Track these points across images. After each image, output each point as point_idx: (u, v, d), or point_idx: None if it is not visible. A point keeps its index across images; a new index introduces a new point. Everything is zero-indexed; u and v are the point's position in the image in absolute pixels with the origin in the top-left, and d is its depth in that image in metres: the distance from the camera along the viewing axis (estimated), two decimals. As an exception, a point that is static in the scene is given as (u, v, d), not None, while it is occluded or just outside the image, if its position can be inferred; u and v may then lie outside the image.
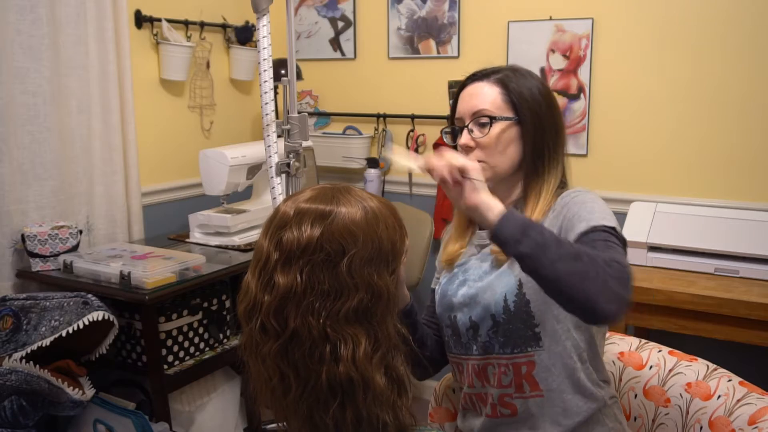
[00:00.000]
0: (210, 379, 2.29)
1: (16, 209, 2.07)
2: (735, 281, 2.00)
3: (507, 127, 1.25)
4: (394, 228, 0.92)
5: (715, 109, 2.29)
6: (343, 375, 0.84)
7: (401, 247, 0.94)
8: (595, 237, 1.11)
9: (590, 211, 1.16)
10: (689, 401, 1.39)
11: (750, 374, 1.46)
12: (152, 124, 2.61)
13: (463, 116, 1.29)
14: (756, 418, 1.25)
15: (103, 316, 1.81)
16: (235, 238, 2.41)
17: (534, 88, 1.27)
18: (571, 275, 0.98)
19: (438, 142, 2.78)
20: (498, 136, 1.24)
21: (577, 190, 1.24)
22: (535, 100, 1.26)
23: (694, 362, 1.44)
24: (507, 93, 1.26)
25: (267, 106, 1.56)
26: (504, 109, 1.25)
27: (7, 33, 2.01)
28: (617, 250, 1.09)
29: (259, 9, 1.53)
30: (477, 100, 1.27)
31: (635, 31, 2.38)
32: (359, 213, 0.89)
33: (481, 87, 1.28)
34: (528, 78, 1.28)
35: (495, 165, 1.25)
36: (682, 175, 2.37)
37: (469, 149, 1.26)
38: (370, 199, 0.93)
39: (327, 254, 0.86)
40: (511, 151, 1.26)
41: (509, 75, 1.28)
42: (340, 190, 0.93)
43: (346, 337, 0.85)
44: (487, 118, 1.25)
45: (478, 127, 1.26)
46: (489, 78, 1.28)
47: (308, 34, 3.06)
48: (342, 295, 0.86)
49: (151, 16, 2.54)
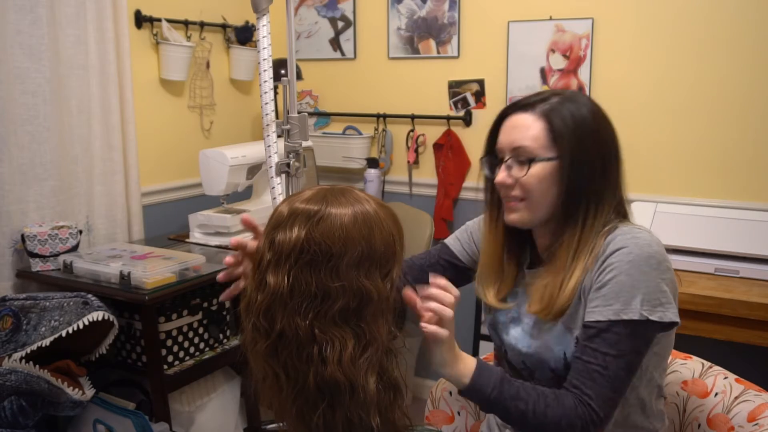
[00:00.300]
0: (210, 379, 2.29)
1: (16, 209, 2.07)
2: (735, 281, 2.00)
3: (549, 167, 1.14)
4: (388, 231, 0.90)
5: (716, 109, 2.29)
6: (329, 377, 0.84)
7: (397, 250, 0.92)
8: (606, 336, 1.08)
9: (627, 290, 1.08)
10: (686, 399, 1.40)
11: (750, 374, 1.46)
12: (152, 124, 2.61)
13: (503, 149, 1.19)
14: (755, 414, 1.26)
15: (103, 316, 1.81)
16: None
17: (581, 122, 1.14)
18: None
19: (438, 142, 2.78)
20: (538, 177, 1.15)
21: (629, 240, 1.11)
22: (582, 136, 1.14)
23: (689, 360, 1.44)
24: (551, 128, 1.14)
25: (267, 106, 1.56)
26: (547, 147, 1.14)
27: (7, 33, 2.01)
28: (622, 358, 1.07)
29: (259, 9, 1.53)
30: (519, 135, 1.16)
31: (635, 31, 2.38)
32: (348, 215, 0.88)
33: (524, 119, 1.17)
34: (579, 109, 1.16)
35: (534, 206, 1.17)
36: (682, 175, 2.37)
37: (508, 187, 1.18)
38: (366, 201, 0.91)
39: (313, 255, 0.86)
40: (552, 194, 1.16)
41: (556, 107, 1.15)
42: (337, 192, 0.92)
43: (333, 339, 0.85)
44: (527, 157, 1.15)
45: (517, 164, 1.16)
46: (534, 109, 1.17)
47: (308, 34, 3.06)
48: (329, 297, 0.86)
49: (151, 16, 2.54)
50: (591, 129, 1.15)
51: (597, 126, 1.16)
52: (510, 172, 1.17)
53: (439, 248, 1.41)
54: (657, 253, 1.10)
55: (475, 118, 2.74)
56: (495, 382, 1.07)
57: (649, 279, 1.08)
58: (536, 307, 1.18)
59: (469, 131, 2.76)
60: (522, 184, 1.16)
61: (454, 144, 2.75)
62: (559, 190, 1.15)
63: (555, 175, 1.15)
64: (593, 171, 1.15)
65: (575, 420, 1.06)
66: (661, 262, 1.10)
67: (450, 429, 1.52)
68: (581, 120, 1.15)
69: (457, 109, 2.77)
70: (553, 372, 1.19)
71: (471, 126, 2.75)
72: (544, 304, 1.17)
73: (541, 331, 1.20)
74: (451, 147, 2.75)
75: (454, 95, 2.77)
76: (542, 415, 1.06)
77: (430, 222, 2.66)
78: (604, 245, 1.13)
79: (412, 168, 2.90)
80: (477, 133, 2.74)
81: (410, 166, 2.89)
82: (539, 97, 1.18)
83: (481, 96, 2.71)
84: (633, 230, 1.14)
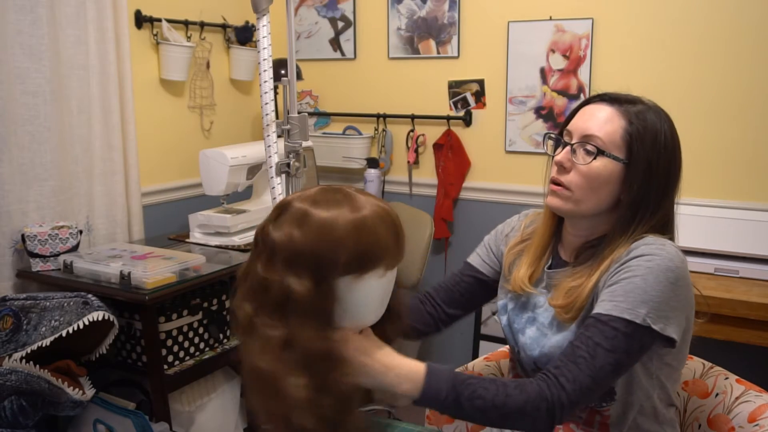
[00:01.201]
0: (210, 379, 2.29)
1: (16, 209, 2.07)
2: (735, 281, 2.01)
3: (612, 166, 1.13)
4: (339, 242, 0.91)
5: (715, 109, 2.29)
6: (256, 367, 0.90)
7: (342, 262, 0.91)
8: (603, 328, 1.06)
9: (638, 293, 1.07)
10: (687, 399, 1.40)
11: (750, 374, 1.46)
12: (152, 124, 2.61)
13: (574, 132, 1.17)
14: (756, 415, 1.26)
15: (103, 316, 1.81)
16: (235, 238, 2.41)
17: (661, 136, 1.13)
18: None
19: (438, 143, 2.78)
20: (598, 171, 1.13)
21: (654, 250, 1.09)
22: (657, 149, 1.13)
23: (690, 360, 1.44)
24: (630, 131, 1.12)
25: (267, 106, 1.56)
26: (618, 146, 1.13)
27: (7, 33, 2.01)
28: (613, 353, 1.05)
29: (259, 9, 1.53)
30: (594, 123, 1.15)
31: (635, 31, 2.38)
32: (299, 213, 0.92)
33: (605, 111, 1.15)
34: (660, 122, 1.15)
35: (580, 199, 1.15)
36: (683, 175, 2.37)
37: (563, 169, 1.16)
38: (351, 208, 0.92)
39: (263, 247, 0.93)
40: (604, 193, 1.14)
41: (641, 111, 1.14)
42: (326, 191, 0.96)
43: (264, 330, 0.90)
44: (595, 147, 1.13)
45: (583, 151, 1.14)
46: (620, 106, 1.16)
47: (308, 34, 3.06)
48: (267, 290, 0.91)
49: (151, 16, 2.54)
50: (668, 145, 1.14)
51: (674, 144, 1.16)
52: (573, 156, 1.15)
53: (462, 267, 1.43)
54: (678, 269, 1.09)
55: (475, 118, 2.74)
56: (447, 388, 1.02)
57: (663, 290, 1.07)
58: (559, 302, 1.17)
59: (469, 131, 2.76)
60: (579, 172, 1.14)
61: (454, 144, 2.75)
62: (611, 191, 1.14)
63: (615, 176, 1.13)
64: (659, 184, 1.14)
65: (540, 403, 1.03)
66: (679, 278, 1.09)
67: (450, 429, 1.52)
68: (662, 134, 1.14)
69: (457, 109, 2.77)
70: None
71: (471, 126, 2.75)
72: (568, 301, 1.16)
73: (556, 331, 1.19)
74: (451, 147, 2.75)
75: (454, 95, 2.77)
76: (502, 406, 1.02)
77: (430, 222, 2.66)
78: (628, 250, 1.12)
79: (412, 168, 2.90)
80: (477, 133, 2.74)
81: (410, 166, 2.89)
82: (627, 98, 1.17)
83: (481, 96, 2.71)
84: (660, 240, 1.12)
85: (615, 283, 1.09)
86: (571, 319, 1.16)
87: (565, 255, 1.26)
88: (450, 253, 2.86)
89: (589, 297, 1.14)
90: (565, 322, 1.17)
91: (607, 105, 1.16)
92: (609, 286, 1.10)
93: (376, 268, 0.95)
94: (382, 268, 0.96)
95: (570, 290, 1.17)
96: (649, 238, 1.13)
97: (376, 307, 1.00)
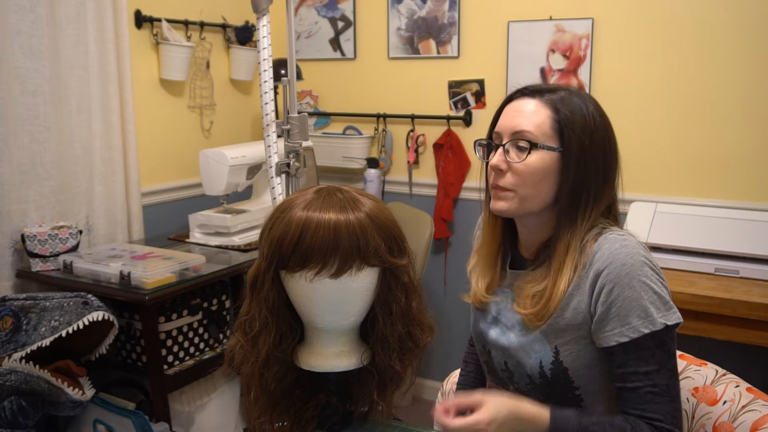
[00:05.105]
0: (210, 379, 2.29)
1: (16, 209, 2.07)
2: (735, 281, 2.00)
3: (548, 157, 1.11)
4: (285, 234, 0.94)
5: (716, 109, 2.29)
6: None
7: (302, 261, 0.93)
8: (639, 355, 1.07)
9: (637, 305, 1.07)
10: (695, 406, 1.38)
11: (750, 374, 1.46)
12: (152, 124, 2.61)
13: (503, 133, 1.14)
14: (759, 424, 1.24)
15: (103, 316, 1.81)
16: (234, 238, 2.41)
17: (590, 117, 1.11)
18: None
19: (438, 142, 2.78)
20: (535, 166, 1.11)
21: (620, 254, 1.08)
22: (588, 131, 1.11)
23: (704, 366, 1.42)
24: (557, 119, 1.11)
25: (267, 106, 1.56)
26: (550, 136, 1.11)
27: (7, 33, 2.01)
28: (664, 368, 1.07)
29: (259, 9, 1.53)
30: (521, 119, 1.12)
31: (635, 31, 2.38)
32: (290, 213, 0.96)
33: (529, 105, 1.13)
34: (585, 105, 1.13)
35: (525, 196, 1.13)
36: (682, 175, 2.37)
37: (500, 172, 1.13)
38: (343, 211, 0.94)
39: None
40: (546, 186, 1.12)
41: (565, 98, 1.12)
42: (332, 191, 0.99)
43: (243, 299, 1.03)
44: (528, 142, 1.11)
45: (515, 149, 1.12)
46: (542, 96, 1.13)
47: (308, 34, 3.06)
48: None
49: (151, 16, 2.54)
50: (598, 126, 1.13)
51: (604, 123, 1.14)
52: (506, 157, 1.13)
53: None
54: (646, 258, 1.09)
55: (475, 118, 2.74)
56: (574, 427, 1.06)
57: (649, 287, 1.07)
58: (528, 311, 1.15)
59: (469, 131, 2.76)
60: (516, 171, 1.12)
61: (454, 144, 2.75)
62: (553, 183, 1.12)
63: (553, 166, 1.11)
64: (597, 168, 1.12)
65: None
66: (652, 268, 1.09)
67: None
68: (589, 115, 1.12)
69: (457, 109, 2.77)
70: (529, 378, 1.17)
71: (471, 126, 2.75)
72: (538, 309, 1.14)
73: (520, 333, 1.18)
74: (451, 147, 2.75)
75: (454, 95, 2.77)
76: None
77: (430, 222, 2.66)
78: (592, 253, 1.10)
79: (412, 168, 2.90)
80: (477, 133, 2.74)
81: (410, 166, 2.89)
82: (547, 87, 1.15)
83: (481, 96, 2.71)
84: (618, 238, 1.11)
85: (609, 306, 1.08)
86: (541, 326, 1.15)
87: (526, 252, 1.23)
88: (450, 253, 2.86)
89: (561, 300, 1.12)
90: (535, 329, 1.15)
91: (530, 98, 1.14)
92: (606, 312, 1.08)
93: (302, 270, 0.94)
94: (311, 272, 0.94)
95: (535, 296, 1.15)
96: (606, 236, 1.11)
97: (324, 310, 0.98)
